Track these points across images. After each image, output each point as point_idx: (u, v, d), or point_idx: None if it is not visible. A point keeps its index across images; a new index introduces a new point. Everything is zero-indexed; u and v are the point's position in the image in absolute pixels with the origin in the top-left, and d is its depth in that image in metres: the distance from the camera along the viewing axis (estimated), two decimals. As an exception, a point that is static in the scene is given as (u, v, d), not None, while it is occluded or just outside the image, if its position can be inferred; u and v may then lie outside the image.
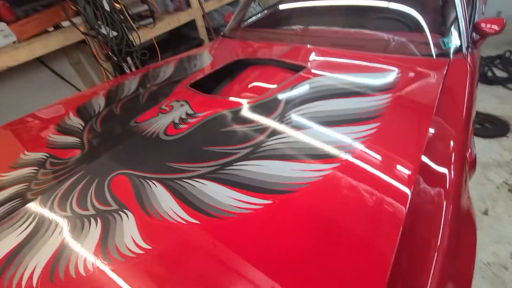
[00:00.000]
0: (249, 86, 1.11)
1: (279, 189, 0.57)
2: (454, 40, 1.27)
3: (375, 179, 0.60)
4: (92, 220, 0.54)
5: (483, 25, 1.34)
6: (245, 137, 0.75)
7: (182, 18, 2.53)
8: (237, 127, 0.80)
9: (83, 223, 0.54)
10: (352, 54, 1.30)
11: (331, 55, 1.33)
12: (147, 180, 0.63)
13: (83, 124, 0.93)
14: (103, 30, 1.88)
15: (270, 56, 1.39)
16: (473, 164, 1.03)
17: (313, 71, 1.14)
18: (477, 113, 2.27)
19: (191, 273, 0.44)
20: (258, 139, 0.74)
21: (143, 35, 2.24)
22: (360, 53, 1.30)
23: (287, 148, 0.69)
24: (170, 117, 0.88)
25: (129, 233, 0.51)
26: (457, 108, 0.96)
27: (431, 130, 0.78)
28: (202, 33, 2.73)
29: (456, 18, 1.33)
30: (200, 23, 2.70)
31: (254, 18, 2.14)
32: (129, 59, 2.11)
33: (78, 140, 0.84)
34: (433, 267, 0.48)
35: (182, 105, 0.94)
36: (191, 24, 2.67)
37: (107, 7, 1.85)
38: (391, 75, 1.09)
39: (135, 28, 2.14)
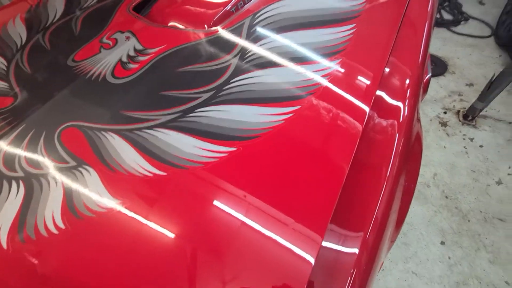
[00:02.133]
0: (196, 13, 0.96)
1: (242, 136, 0.59)
2: None
3: (333, 114, 0.65)
4: (51, 179, 0.52)
5: None
6: (206, 78, 0.71)
7: None
8: (196, 67, 0.74)
9: (40, 183, 0.51)
10: None
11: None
12: (102, 132, 0.59)
13: (5, 63, 0.76)
14: None
15: None
16: (426, 88, 1.13)
17: None
18: None
19: (162, 223, 0.48)
20: (219, 80, 0.70)
21: None
22: None
23: (249, 91, 0.68)
24: (116, 54, 0.76)
25: (95, 189, 0.50)
26: (418, 36, 0.99)
27: (390, 62, 0.81)
28: None
29: None
30: None
31: None
32: None
33: (5, 84, 0.70)
34: (382, 191, 0.58)
35: (128, 38, 0.81)
36: None
37: None
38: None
39: None
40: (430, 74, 1.11)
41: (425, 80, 1.04)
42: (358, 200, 0.57)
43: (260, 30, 0.86)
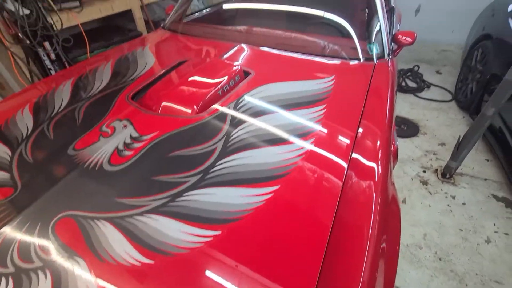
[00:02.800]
0: (188, 93, 1.08)
1: (226, 218, 0.64)
2: (379, 47, 1.47)
3: (310, 188, 0.72)
4: (40, 273, 0.53)
5: (400, 36, 1.57)
6: (194, 162, 0.78)
7: (116, 6, 2.30)
8: (185, 151, 0.82)
9: (29, 279, 0.53)
10: (291, 59, 1.40)
11: (274, 59, 1.41)
12: (95, 221, 0.63)
13: (9, 153, 0.83)
14: (10, 6, 1.60)
15: (216, 56, 1.41)
16: (395, 155, 1.24)
17: (257, 79, 1.20)
18: (395, 116, 2.68)
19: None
20: (206, 163, 0.78)
21: (68, 19, 2.00)
22: (299, 57, 1.41)
23: (233, 173, 0.75)
24: (114, 142, 0.85)
25: (84, 282, 0.52)
26: (382, 106, 1.13)
27: (360, 130, 0.93)
28: (140, 26, 2.53)
29: (380, 29, 1.52)
30: (138, 15, 2.49)
31: (197, 13, 2.08)
32: (47, 44, 1.86)
33: (7, 174, 0.76)
34: (366, 252, 0.60)
35: (125, 126, 0.91)
36: (128, 15, 2.45)
37: (15, -22, 1.58)
38: (326, 82, 1.22)
39: (55, 10, 1.89)
40: (397, 143, 1.23)
41: (393, 148, 1.15)
42: (344, 265, 0.59)
43: (242, 114, 0.98)
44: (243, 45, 1.50)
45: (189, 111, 1.00)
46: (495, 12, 2.73)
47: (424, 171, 2.14)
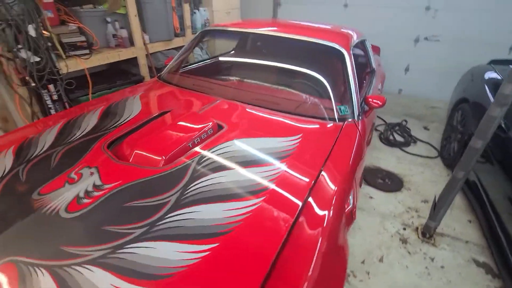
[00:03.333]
0: (161, 144, 1.16)
1: (158, 274, 0.67)
2: (348, 109, 1.58)
3: (252, 247, 0.76)
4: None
5: (370, 99, 1.68)
6: (144, 214, 0.83)
7: (123, 54, 2.55)
8: (140, 202, 0.87)
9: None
10: (264, 116, 1.50)
11: (248, 115, 1.51)
12: (35, 268, 0.66)
13: (-20, 194, 0.89)
14: (23, 54, 1.79)
15: (197, 108, 1.52)
16: (351, 215, 1.24)
17: (228, 133, 1.29)
18: (381, 170, 2.75)
19: None
20: (155, 216, 0.82)
21: (76, 64, 2.21)
22: (272, 114, 1.51)
23: (178, 227, 0.79)
24: (76, 189, 0.90)
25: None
26: (344, 163, 1.19)
27: (320, 178, 1.01)
28: (144, 71, 2.76)
29: (351, 93, 1.65)
30: (143, 62, 2.74)
31: (193, 65, 2.29)
32: (51, 87, 2.03)
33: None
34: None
35: (91, 174, 0.97)
36: (134, 60, 2.69)
37: (32, 33, 1.79)
38: (292, 141, 1.29)
39: (64, 57, 2.10)
40: (351, 206, 1.24)
41: (349, 208, 1.17)
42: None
43: (204, 167, 1.04)
44: (223, 99, 1.63)
45: (159, 158, 1.07)
46: (474, 78, 2.92)
47: (404, 229, 2.11)
